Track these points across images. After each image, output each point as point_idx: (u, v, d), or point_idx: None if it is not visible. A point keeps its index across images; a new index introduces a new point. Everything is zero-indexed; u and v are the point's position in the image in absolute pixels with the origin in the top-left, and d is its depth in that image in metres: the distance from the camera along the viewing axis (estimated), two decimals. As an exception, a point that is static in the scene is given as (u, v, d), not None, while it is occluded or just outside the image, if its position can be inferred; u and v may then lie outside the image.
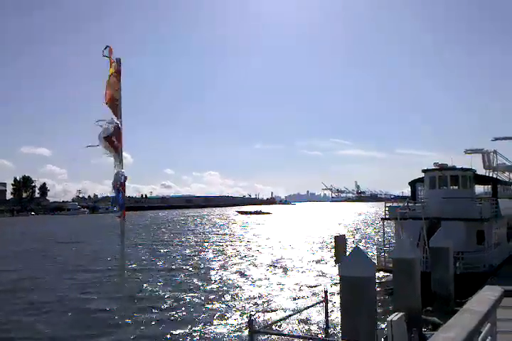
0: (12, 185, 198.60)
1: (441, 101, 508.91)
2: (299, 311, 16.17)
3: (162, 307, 21.21)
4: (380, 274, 23.99)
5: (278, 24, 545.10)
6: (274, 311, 19.93)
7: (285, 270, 31.36)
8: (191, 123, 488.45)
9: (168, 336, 16.85)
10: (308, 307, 15.41)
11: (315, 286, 25.18)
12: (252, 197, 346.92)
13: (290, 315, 15.30)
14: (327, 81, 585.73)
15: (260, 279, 27.89)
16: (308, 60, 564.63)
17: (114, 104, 6.43)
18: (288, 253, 40.14)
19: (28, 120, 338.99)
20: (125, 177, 6.39)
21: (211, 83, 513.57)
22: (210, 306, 21.20)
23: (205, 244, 50.11)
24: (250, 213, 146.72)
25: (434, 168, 25.91)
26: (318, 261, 35.02)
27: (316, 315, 18.22)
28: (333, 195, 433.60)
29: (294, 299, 22.32)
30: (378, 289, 19.83)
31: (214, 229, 76.55)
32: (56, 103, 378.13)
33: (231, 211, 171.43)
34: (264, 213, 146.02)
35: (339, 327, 12.60)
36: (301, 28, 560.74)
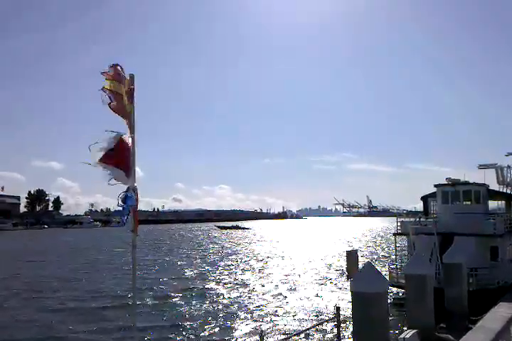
0: (26, 198, 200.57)
1: (454, 115, 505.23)
2: (311, 327, 16.05)
3: (169, 322, 21.16)
4: (393, 290, 23.79)
5: (281, 32, 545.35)
6: (285, 327, 19.78)
7: (296, 285, 31.15)
8: (201, 136, 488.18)
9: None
10: (320, 323, 15.32)
11: (327, 302, 24.98)
12: (264, 211, 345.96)
13: (301, 331, 15.20)
14: (335, 93, 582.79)
15: (270, 294, 27.72)
16: (314, 71, 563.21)
17: (128, 118, 6.50)
18: (298, 269, 39.93)
19: (39, 133, 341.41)
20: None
21: (220, 95, 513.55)
22: (219, 322, 21.10)
23: (211, 258, 50.05)
24: (228, 228, 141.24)
25: (446, 182, 25.79)
26: (329, 277, 34.78)
27: (328, 332, 18.07)
28: (345, 210, 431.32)
29: (306, 315, 22.15)
30: (390, 305, 19.64)
31: (225, 245, 76.39)
32: (67, 115, 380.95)
33: (249, 225, 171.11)
34: (241, 228, 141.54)
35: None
36: (306, 35, 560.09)
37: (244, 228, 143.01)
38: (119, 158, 6.16)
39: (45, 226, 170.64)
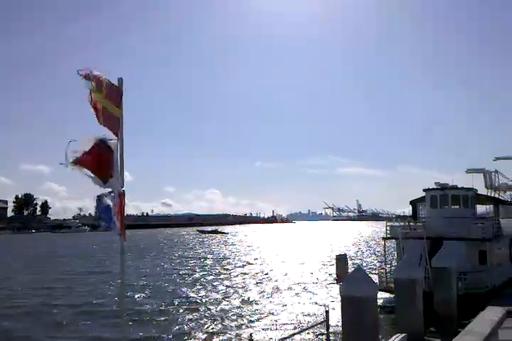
0: (13, 202, 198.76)
1: (443, 119, 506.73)
2: (300, 331, 16.01)
3: (158, 325, 21.01)
4: (382, 294, 23.83)
5: (273, 36, 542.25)
6: (275, 331, 19.74)
7: (285, 289, 31.12)
8: (190, 140, 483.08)
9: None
10: (310, 327, 15.29)
11: (316, 306, 24.97)
12: (254, 215, 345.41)
13: (291, 335, 15.14)
14: (325, 95, 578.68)
15: (260, 298, 27.67)
16: (308, 72, 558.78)
17: (113, 122, 6.43)
18: (287, 272, 39.88)
19: (27, 136, 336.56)
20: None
21: (213, 99, 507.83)
22: (209, 325, 21.01)
23: (200, 263, 49.89)
24: (207, 232, 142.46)
25: (435, 187, 25.94)
26: (318, 281, 34.77)
27: (317, 336, 18.04)
28: (335, 214, 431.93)
29: (295, 319, 22.11)
30: (380, 309, 19.66)
31: (209, 249, 76.24)
32: (56, 118, 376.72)
33: (230, 229, 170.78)
34: (219, 233, 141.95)
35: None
36: (300, 38, 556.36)
37: (223, 232, 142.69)
38: (93, 161, 6.09)
39: (33, 230, 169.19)
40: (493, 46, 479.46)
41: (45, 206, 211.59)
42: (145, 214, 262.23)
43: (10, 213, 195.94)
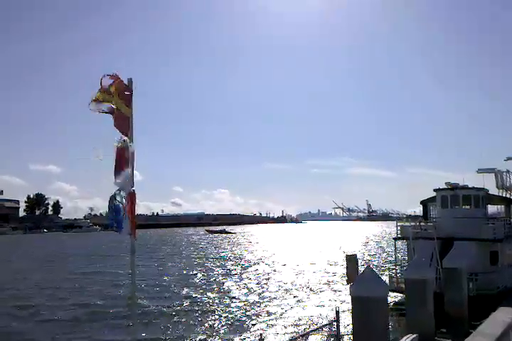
0: (25, 202, 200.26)
1: (452, 118, 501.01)
2: (310, 331, 15.97)
3: (166, 325, 21.08)
4: (393, 295, 23.74)
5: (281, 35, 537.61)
6: (285, 331, 19.74)
7: (295, 289, 31.10)
8: (190, 140, 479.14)
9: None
10: (320, 327, 15.24)
11: (327, 306, 24.93)
12: (263, 215, 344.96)
13: (301, 335, 15.13)
14: (334, 96, 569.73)
15: (270, 298, 27.68)
16: (313, 72, 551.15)
17: (123, 121, 6.50)
18: (297, 272, 39.85)
19: (36, 137, 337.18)
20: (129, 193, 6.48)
21: (219, 98, 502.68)
22: (218, 326, 21.05)
23: (208, 263, 49.97)
24: (215, 232, 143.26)
25: (446, 187, 25.80)
26: (329, 281, 34.71)
27: (328, 336, 17.98)
28: (345, 214, 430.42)
29: (305, 319, 22.10)
30: (390, 310, 19.59)
31: (218, 249, 76.31)
32: (65, 118, 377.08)
33: (240, 229, 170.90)
34: (227, 232, 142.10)
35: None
36: (307, 38, 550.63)
37: (231, 232, 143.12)
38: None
39: (45, 230, 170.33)
40: (493, 46, 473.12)
41: (56, 206, 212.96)
42: (155, 214, 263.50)
43: (22, 213, 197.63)
